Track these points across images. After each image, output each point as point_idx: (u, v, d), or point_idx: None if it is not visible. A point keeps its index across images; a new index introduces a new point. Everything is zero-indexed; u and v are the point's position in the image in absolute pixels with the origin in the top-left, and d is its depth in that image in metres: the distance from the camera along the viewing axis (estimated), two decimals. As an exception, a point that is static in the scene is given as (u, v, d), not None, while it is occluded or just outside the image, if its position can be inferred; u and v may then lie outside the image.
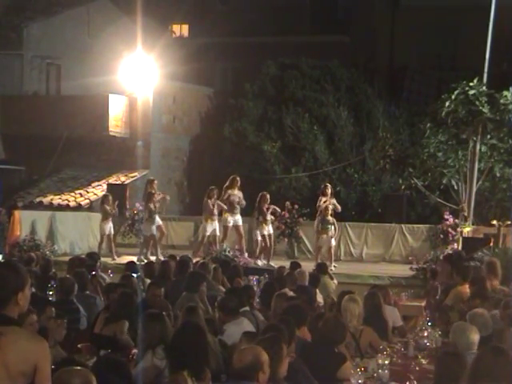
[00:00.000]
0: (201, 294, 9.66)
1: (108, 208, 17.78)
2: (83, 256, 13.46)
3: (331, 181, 22.00)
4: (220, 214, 17.41)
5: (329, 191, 17.37)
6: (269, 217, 17.12)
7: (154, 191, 17.71)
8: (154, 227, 17.44)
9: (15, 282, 4.07)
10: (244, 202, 17.31)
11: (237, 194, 17.28)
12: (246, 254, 17.20)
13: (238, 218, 17.37)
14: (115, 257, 17.62)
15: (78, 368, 4.29)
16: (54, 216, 19.29)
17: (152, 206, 17.39)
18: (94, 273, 11.41)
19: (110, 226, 17.84)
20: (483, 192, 19.13)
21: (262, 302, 9.29)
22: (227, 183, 17.34)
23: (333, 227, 16.93)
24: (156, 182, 18.22)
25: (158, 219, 17.69)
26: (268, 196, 17.19)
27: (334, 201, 17.31)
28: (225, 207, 17.12)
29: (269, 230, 17.18)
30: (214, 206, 17.14)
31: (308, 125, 23.38)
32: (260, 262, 16.95)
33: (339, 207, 17.31)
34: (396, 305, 10.77)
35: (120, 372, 5.36)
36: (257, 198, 17.21)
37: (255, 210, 17.09)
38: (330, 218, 16.91)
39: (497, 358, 4.43)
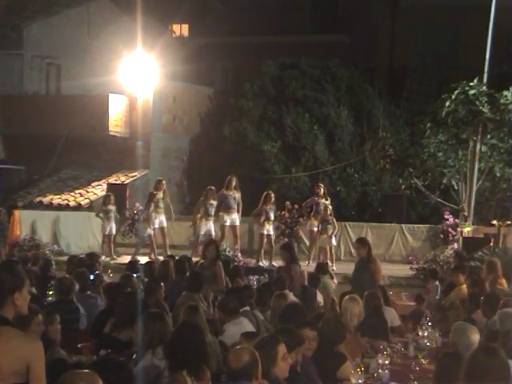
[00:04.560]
0: (205, 294, 9.68)
1: (104, 208, 17.91)
2: (82, 256, 13.44)
3: (331, 181, 22.02)
4: (217, 214, 17.41)
5: (321, 191, 17.41)
6: (272, 216, 17.16)
7: (154, 192, 17.72)
8: (149, 228, 17.47)
9: (12, 282, 4.08)
10: (233, 202, 17.27)
11: (232, 195, 17.27)
12: (239, 255, 17.21)
13: (235, 218, 17.36)
14: (114, 255, 17.68)
15: (85, 371, 4.27)
16: (58, 218, 19.30)
17: (151, 206, 17.41)
18: (97, 272, 11.39)
19: (110, 227, 17.90)
20: (483, 192, 19.12)
21: (258, 303, 9.26)
22: (225, 184, 17.41)
23: (331, 226, 16.96)
24: (163, 182, 18.08)
25: (160, 220, 17.69)
26: (272, 195, 17.27)
27: (327, 202, 17.39)
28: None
29: (268, 229, 17.18)
30: (209, 206, 17.16)
31: (308, 124, 23.38)
32: (262, 263, 16.91)
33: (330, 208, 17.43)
34: (394, 305, 10.78)
35: (121, 372, 5.36)
36: (256, 198, 17.24)
37: (260, 209, 17.12)
38: (329, 217, 16.95)
39: (490, 358, 4.41)
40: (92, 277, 10.86)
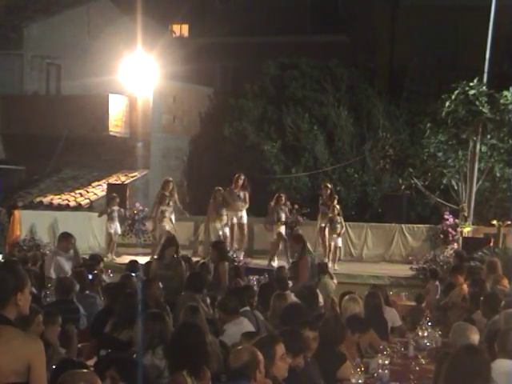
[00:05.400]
0: (202, 295, 9.68)
1: (107, 208, 17.95)
2: (85, 256, 13.43)
3: (331, 181, 22.00)
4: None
5: (327, 192, 17.42)
6: (283, 217, 17.24)
7: (167, 193, 17.59)
8: (166, 224, 17.48)
9: (14, 282, 4.09)
10: (237, 199, 17.32)
11: (235, 193, 17.32)
12: (242, 254, 17.21)
13: (242, 215, 17.42)
14: (113, 255, 17.70)
15: (85, 371, 4.29)
16: (58, 218, 19.29)
17: (163, 207, 17.40)
18: (95, 272, 11.38)
19: (115, 226, 17.96)
20: (483, 192, 19.13)
21: (260, 302, 9.29)
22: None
23: (340, 226, 17.08)
24: (170, 183, 17.96)
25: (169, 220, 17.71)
26: (284, 197, 17.37)
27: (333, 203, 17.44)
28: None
29: (281, 229, 17.25)
30: (219, 206, 17.20)
31: (308, 125, 23.38)
32: (275, 263, 16.89)
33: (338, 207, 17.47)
34: (394, 305, 10.78)
35: (125, 371, 5.37)
36: (256, 198, 17.28)
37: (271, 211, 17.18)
38: (337, 217, 17.06)
39: (471, 357, 4.41)
40: (91, 276, 10.87)
